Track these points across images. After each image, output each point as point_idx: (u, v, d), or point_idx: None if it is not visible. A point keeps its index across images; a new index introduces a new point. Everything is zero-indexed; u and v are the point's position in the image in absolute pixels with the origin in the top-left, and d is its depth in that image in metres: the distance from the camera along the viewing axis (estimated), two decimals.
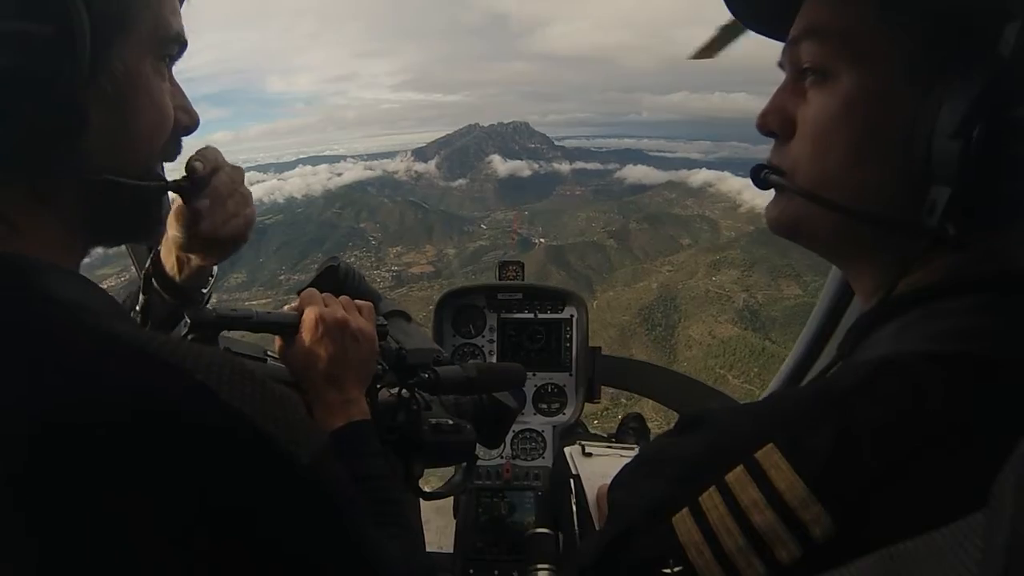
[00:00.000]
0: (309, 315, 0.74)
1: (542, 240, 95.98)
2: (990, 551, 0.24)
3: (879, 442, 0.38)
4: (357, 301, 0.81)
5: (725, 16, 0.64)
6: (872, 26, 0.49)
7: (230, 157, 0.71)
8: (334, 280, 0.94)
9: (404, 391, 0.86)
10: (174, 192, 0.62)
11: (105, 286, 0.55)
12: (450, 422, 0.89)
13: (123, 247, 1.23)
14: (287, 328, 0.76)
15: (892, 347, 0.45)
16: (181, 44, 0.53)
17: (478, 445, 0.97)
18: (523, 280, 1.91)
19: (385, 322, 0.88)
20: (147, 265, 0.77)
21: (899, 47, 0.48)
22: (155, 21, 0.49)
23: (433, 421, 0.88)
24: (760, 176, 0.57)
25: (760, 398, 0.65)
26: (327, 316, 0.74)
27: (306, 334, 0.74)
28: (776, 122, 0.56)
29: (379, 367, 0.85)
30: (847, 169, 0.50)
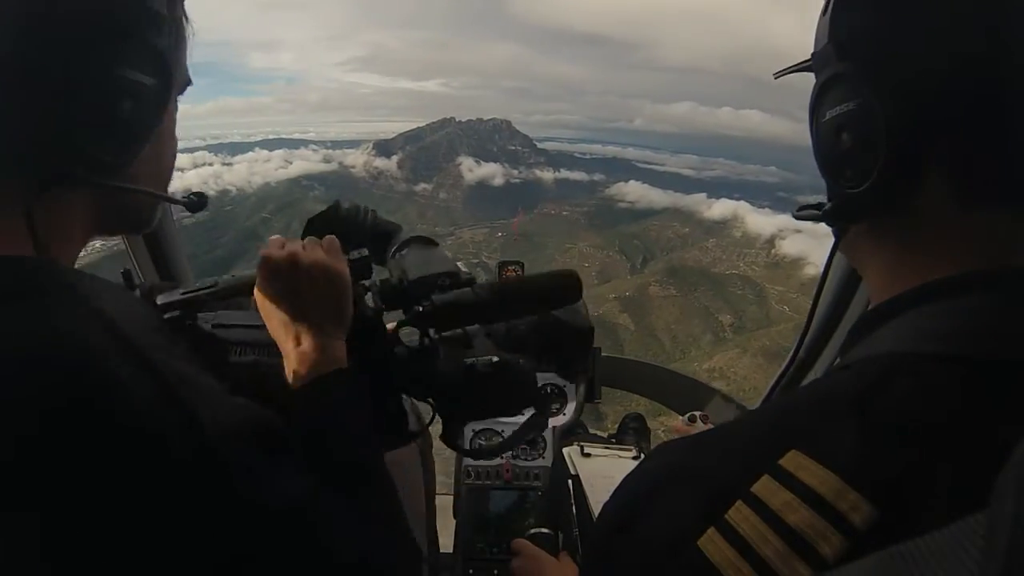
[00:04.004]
0: (261, 263, 0.66)
1: None
2: (990, 552, 0.24)
3: (899, 440, 0.37)
4: (327, 237, 0.70)
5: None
6: None
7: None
8: (331, 223, 0.79)
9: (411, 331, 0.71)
10: (183, 206, 0.68)
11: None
12: (494, 359, 0.72)
13: (123, 247, 1.37)
14: (251, 286, 0.67)
15: (897, 346, 0.44)
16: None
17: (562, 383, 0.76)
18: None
19: (361, 255, 0.71)
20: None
21: None
22: (183, 71, 0.60)
23: (468, 361, 0.71)
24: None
25: (762, 401, 0.65)
26: (275, 255, 0.65)
27: (257, 282, 0.66)
28: None
29: (372, 306, 0.72)
30: None
